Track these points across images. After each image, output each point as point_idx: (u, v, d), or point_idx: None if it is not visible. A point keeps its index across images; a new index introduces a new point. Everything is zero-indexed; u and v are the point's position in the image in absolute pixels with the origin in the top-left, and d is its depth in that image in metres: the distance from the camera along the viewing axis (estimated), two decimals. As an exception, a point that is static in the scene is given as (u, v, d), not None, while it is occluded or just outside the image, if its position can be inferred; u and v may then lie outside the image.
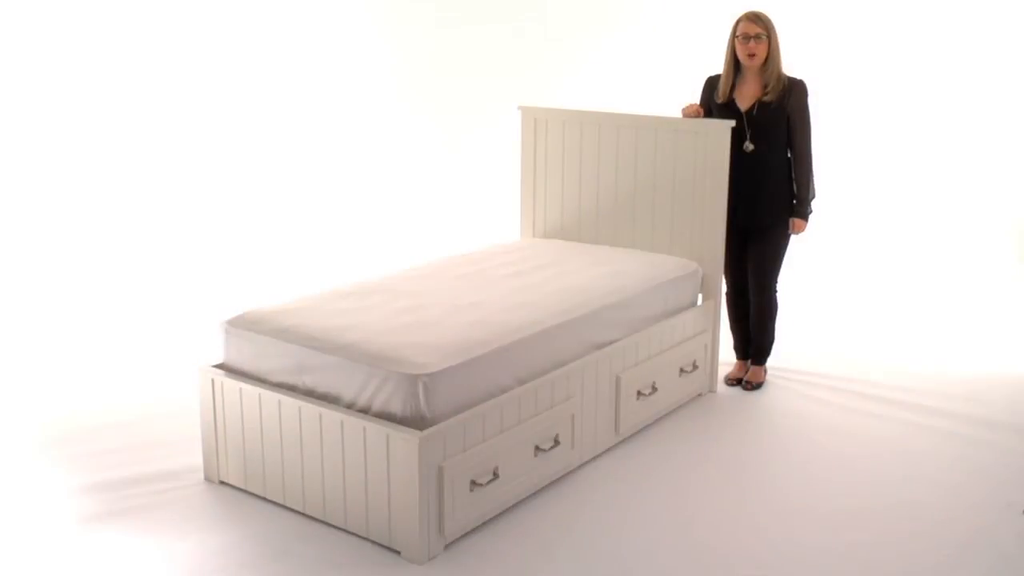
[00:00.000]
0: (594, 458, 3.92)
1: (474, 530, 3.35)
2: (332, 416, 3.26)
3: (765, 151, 4.45)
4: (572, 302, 3.87)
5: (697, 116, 4.55)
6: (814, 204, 4.57)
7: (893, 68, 7.05)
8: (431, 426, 3.14)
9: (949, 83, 7.02)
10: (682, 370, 4.40)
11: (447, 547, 3.25)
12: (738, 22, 4.40)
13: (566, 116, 4.83)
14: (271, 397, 3.42)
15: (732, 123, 4.39)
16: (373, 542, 3.26)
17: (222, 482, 3.66)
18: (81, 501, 3.51)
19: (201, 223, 6.49)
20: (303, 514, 3.44)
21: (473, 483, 3.28)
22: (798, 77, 4.43)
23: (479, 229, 6.41)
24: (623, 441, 4.09)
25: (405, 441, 3.09)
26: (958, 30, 6.94)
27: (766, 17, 4.36)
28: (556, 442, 3.65)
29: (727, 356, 4.90)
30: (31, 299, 5.64)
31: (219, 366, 3.65)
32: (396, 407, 3.17)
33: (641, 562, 3.19)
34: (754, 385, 4.73)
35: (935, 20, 6.95)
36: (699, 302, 4.61)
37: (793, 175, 4.49)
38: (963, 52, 6.96)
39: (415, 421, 3.15)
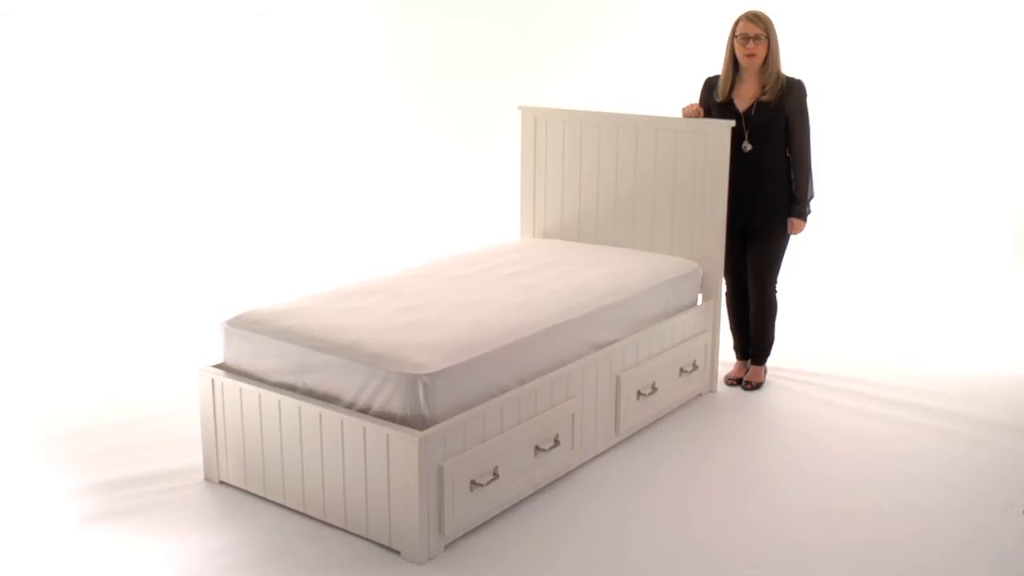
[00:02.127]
0: (594, 458, 3.92)
1: (474, 530, 3.35)
2: (332, 416, 3.26)
3: (764, 151, 4.45)
4: (572, 302, 3.87)
5: (697, 116, 4.55)
6: (813, 204, 4.57)
7: (893, 68, 7.05)
8: (431, 426, 3.14)
9: (949, 83, 7.03)
10: (682, 370, 4.40)
11: (447, 547, 3.25)
12: (737, 22, 4.40)
13: (566, 116, 4.83)
14: (271, 397, 3.42)
15: (732, 123, 4.38)
16: (373, 542, 3.26)
17: (222, 482, 3.66)
18: (81, 501, 3.51)
19: (201, 223, 6.49)
20: (303, 514, 3.44)
21: (473, 483, 3.28)
22: (797, 77, 4.43)
23: (479, 229, 6.41)
24: (623, 441, 4.09)
25: (405, 441, 3.09)
26: (958, 30, 6.94)
27: (766, 17, 4.36)
28: (556, 442, 3.65)
29: (727, 356, 4.91)
30: (31, 299, 5.64)
31: (219, 366, 3.65)
32: (396, 407, 3.17)
33: (641, 562, 3.19)
34: (754, 385, 4.73)
35: (935, 20, 6.95)
36: (699, 302, 4.62)
37: (792, 175, 4.49)
38: (963, 52, 6.96)
39: (415, 421, 3.15)
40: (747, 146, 4.45)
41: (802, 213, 4.52)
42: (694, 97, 4.64)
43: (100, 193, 6.22)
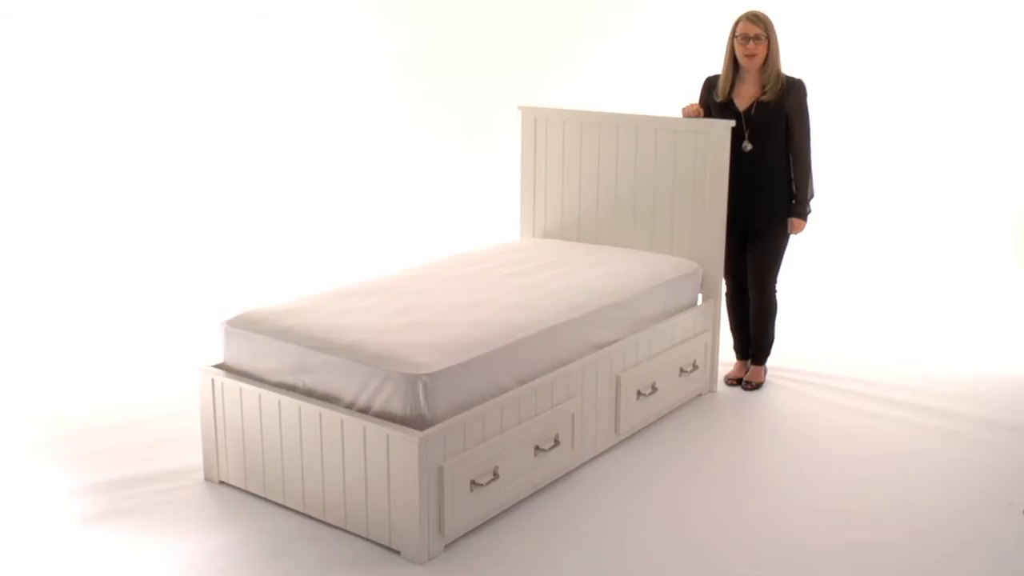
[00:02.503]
0: (594, 458, 3.92)
1: (474, 530, 3.35)
2: (332, 416, 3.26)
3: (764, 151, 4.45)
4: (572, 302, 3.87)
5: (697, 116, 4.55)
6: (813, 204, 4.57)
7: (893, 68, 7.05)
8: (431, 426, 3.14)
9: (948, 83, 7.03)
10: (682, 370, 4.39)
11: (447, 547, 3.25)
12: (737, 22, 4.40)
13: (566, 116, 4.83)
14: (271, 397, 3.42)
15: (732, 123, 4.38)
16: (373, 542, 3.26)
17: (222, 482, 3.66)
18: (81, 501, 3.51)
19: (201, 223, 6.49)
20: (303, 514, 3.44)
21: (473, 483, 3.28)
22: (797, 77, 4.43)
23: (479, 229, 6.41)
24: (623, 441, 4.09)
25: (405, 441, 3.09)
26: (957, 30, 6.94)
27: (766, 17, 4.37)
28: (556, 442, 3.65)
29: (727, 356, 4.90)
30: (31, 299, 5.64)
31: (219, 366, 3.65)
32: (396, 407, 3.17)
33: (641, 562, 3.19)
34: (754, 385, 4.73)
35: (934, 20, 6.95)
36: (699, 302, 4.61)
37: (792, 175, 4.49)
38: (962, 52, 6.96)
39: (415, 421, 3.15)
40: (747, 146, 4.45)
41: (802, 213, 4.52)
42: (694, 97, 4.64)
43: (100, 193, 6.22)
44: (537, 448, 3.56)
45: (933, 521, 3.48)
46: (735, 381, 4.78)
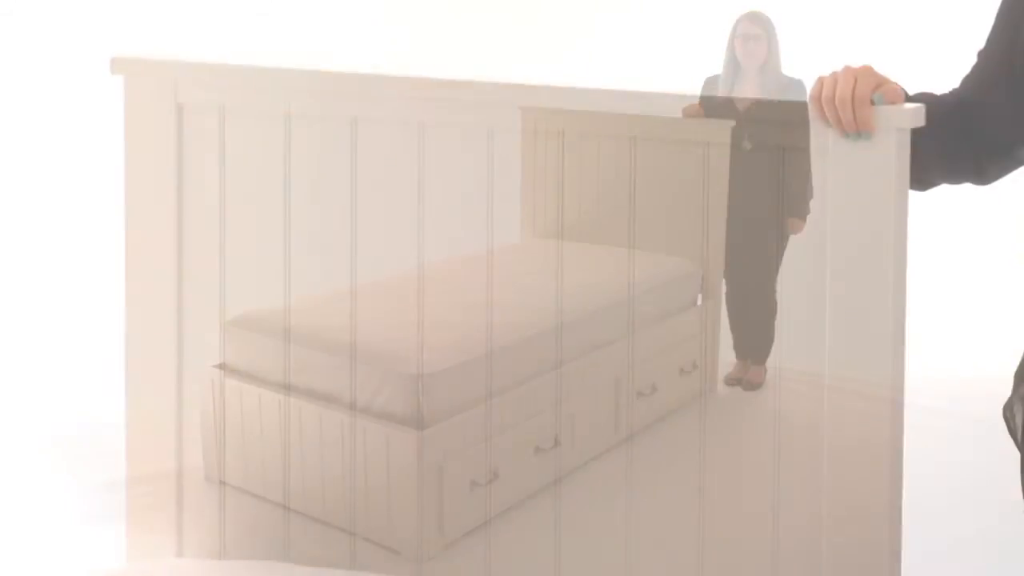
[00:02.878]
0: (594, 458, 3.92)
1: (474, 530, 3.35)
2: (332, 416, 3.26)
3: (763, 151, 4.45)
4: (572, 302, 3.87)
5: (697, 115, 4.55)
6: (812, 204, 4.56)
7: (892, 68, 7.05)
8: (431, 426, 3.14)
9: (948, 83, 7.03)
10: (682, 370, 4.39)
11: (447, 547, 3.25)
12: (738, 22, 4.41)
13: (567, 115, 4.83)
14: (271, 397, 3.42)
15: (732, 123, 4.38)
16: (373, 542, 3.26)
17: (222, 482, 3.66)
18: (81, 501, 3.51)
19: (201, 223, 6.47)
20: (303, 514, 3.43)
21: (473, 483, 3.28)
22: (797, 77, 4.43)
23: (479, 229, 6.40)
24: (623, 441, 4.09)
25: (405, 441, 3.09)
26: (957, 29, 6.94)
27: (766, 18, 4.37)
28: (556, 442, 3.64)
29: (727, 356, 4.90)
30: (31, 298, 5.64)
31: (219, 366, 3.65)
32: (396, 407, 3.17)
33: (641, 562, 3.19)
34: (754, 385, 4.72)
35: (934, 20, 6.96)
36: (699, 302, 4.61)
37: (792, 175, 4.49)
38: (962, 52, 6.96)
39: (415, 421, 3.14)
40: (747, 146, 4.45)
41: (802, 212, 4.52)
42: (694, 97, 4.64)
43: (100, 191, 6.21)
44: (537, 448, 3.55)
45: (933, 521, 3.47)
46: (735, 381, 4.77)
